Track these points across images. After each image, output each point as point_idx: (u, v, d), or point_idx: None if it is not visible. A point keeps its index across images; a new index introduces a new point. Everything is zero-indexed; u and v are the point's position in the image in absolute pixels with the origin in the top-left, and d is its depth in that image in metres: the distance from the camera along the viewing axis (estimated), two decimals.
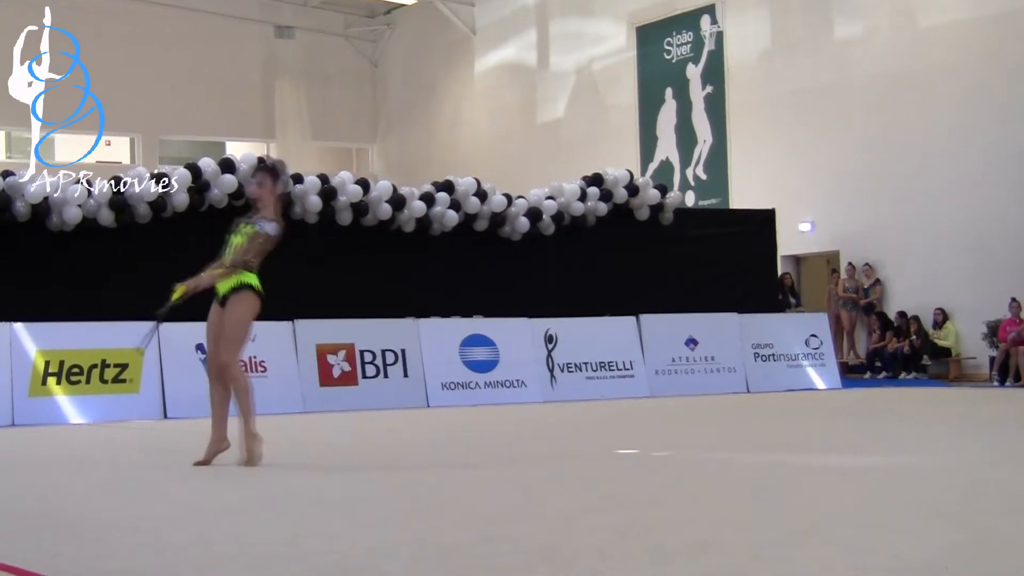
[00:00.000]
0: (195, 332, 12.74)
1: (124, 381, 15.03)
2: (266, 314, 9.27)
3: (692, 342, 18.31)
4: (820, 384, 18.88)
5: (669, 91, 26.58)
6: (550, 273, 18.64)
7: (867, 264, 22.97)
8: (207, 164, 16.52)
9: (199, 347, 14.39)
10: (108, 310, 15.08)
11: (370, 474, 8.51)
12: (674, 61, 26.49)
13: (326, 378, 16.09)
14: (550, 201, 18.60)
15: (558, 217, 18.53)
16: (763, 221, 20.65)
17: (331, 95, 33.22)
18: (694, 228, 19.94)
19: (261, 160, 8.63)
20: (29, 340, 14.70)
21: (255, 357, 15.42)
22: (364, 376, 16.34)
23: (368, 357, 16.40)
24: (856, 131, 23.07)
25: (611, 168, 19.42)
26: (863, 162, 22.89)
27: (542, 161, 27.96)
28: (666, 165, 26.52)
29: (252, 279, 8.81)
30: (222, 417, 8.86)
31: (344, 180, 17.35)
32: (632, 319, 18.14)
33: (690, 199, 25.29)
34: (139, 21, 30.51)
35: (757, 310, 19.21)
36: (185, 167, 16.49)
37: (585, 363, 17.64)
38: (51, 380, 14.70)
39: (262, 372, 15.45)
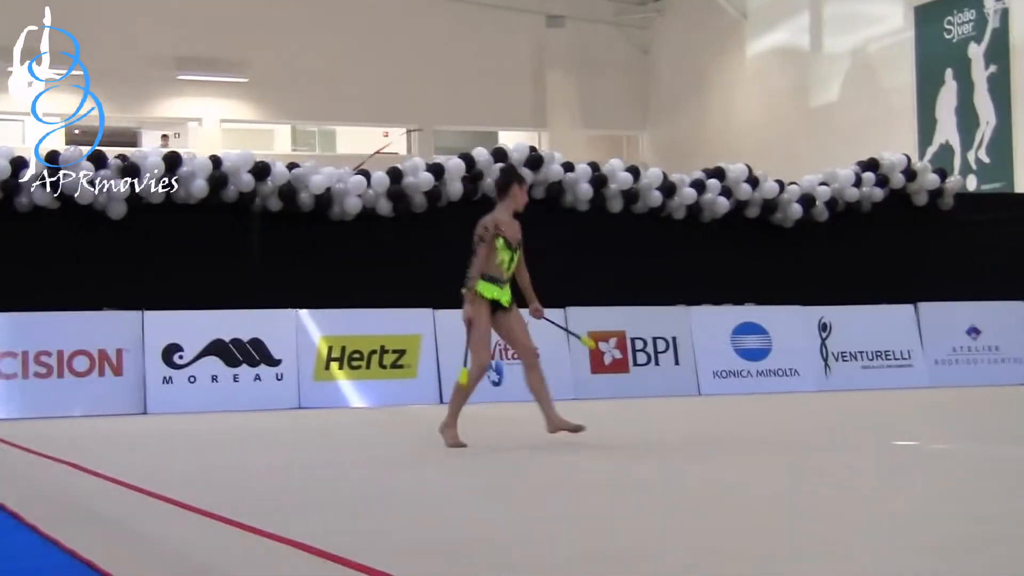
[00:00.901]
0: None
1: (402, 367, 15.50)
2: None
3: (974, 331, 17.69)
4: None
5: (949, 72, 25.69)
6: (823, 260, 18.26)
7: None
8: (480, 154, 16.84)
9: None
10: (385, 298, 15.54)
11: (647, 462, 8.54)
12: (955, 41, 25.59)
13: (597, 365, 16.20)
14: (824, 187, 18.24)
15: (832, 203, 18.16)
16: None
17: (601, 83, 33.30)
18: (975, 213, 19.22)
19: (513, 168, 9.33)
20: (313, 326, 15.31)
21: None
22: (635, 363, 16.40)
23: (639, 344, 16.44)
24: None
25: (888, 152, 18.94)
26: None
27: (815, 146, 27.38)
28: (946, 149, 25.64)
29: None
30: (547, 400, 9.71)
31: (615, 168, 17.43)
32: (909, 307, 17.67)
33: (971, 183, 24.39)
34: (417, 14, 31.22)
35: None
36: (459, 157, 16.86)
37: (861, 352, 17.26)
38: (334, 365, 15.28)
39: None
